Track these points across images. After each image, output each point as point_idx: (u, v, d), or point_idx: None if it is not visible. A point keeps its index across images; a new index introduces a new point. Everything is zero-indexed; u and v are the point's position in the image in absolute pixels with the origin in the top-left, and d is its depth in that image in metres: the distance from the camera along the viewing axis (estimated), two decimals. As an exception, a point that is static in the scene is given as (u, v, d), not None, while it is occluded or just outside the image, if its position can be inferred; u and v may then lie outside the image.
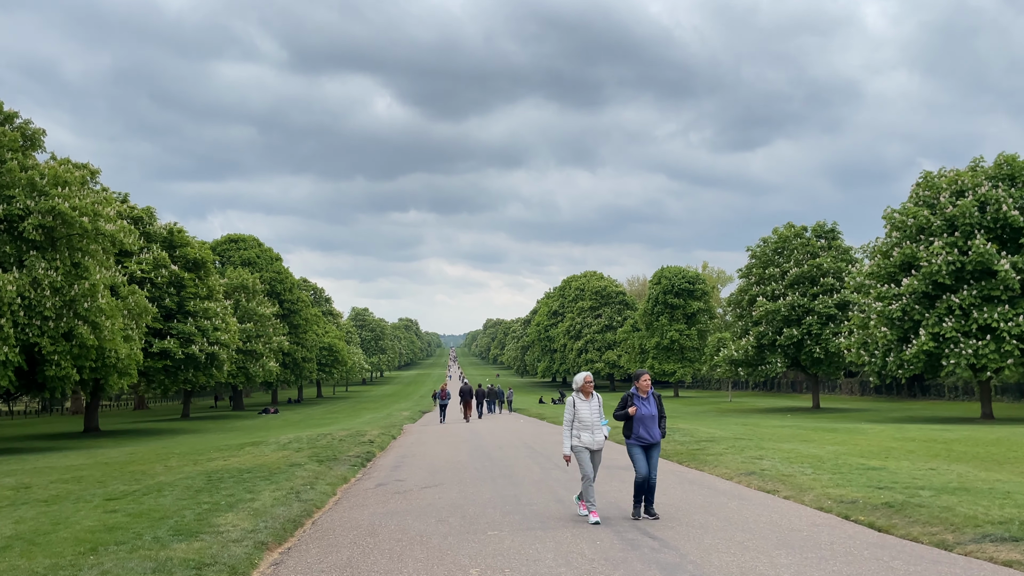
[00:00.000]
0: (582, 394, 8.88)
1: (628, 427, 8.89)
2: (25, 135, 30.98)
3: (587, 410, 8.81)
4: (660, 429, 9.02)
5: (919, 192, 34.89)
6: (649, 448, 8.92)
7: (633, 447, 8.89)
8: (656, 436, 8.96)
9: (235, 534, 8.02)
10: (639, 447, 8.89)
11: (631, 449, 8.90)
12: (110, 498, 11.28)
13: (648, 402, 9.00)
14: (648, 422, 8.89)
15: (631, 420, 8.84)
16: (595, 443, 8.77)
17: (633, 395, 8.97)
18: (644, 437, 8.88)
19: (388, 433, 24.33)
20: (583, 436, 8.78)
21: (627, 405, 8.91)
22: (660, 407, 9.06)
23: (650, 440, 8.92)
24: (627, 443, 8.99)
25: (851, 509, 9.00)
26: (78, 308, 28.69)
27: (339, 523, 8.92)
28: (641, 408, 8.86)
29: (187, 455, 19.35)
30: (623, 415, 8.88)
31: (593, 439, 8.83)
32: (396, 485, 12.06)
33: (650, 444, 8.91)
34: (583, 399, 8.85)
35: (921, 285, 32.00)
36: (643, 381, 8.95)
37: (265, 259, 74.58)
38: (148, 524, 8.73)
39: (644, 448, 8.89)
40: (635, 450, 8.88)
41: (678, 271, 79.08)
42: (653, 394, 9.06)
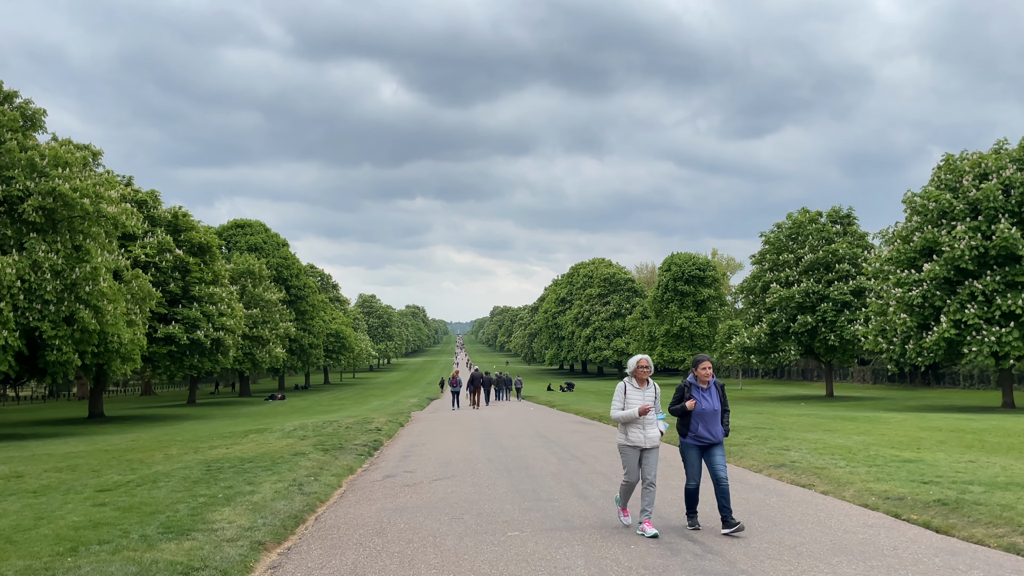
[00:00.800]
0: (635, 380, 7.53)
1: (684, 424, 7.56)
2: (25, 115, 30.31)
3: (639, 400, 7.45)
4: (723, 426, 7.63)
5: (941, 175, 33.93)
6: (709, 448, 7.52)
7: (689, 448, 7.53)
8: (718, 435, 7.55)
9: (230, 532, 7.33)
10: (696, 448, 7.52)
11: (686, 450, 7.55)
12: (102, 489, 10.63)
13: (709, 393, 7.57)
14: (709, 418, 7.49)
15: (688, 415, 7.50)
16: (647, 440, 7.41)
17: (691, 385, 7.59)
18: (704, 436, 7.46)
19: (396, 421, 23.69)
20: (632, 433, 7.41)
21: (684, 397, 7.54)
22: (724, 399, 7.68)
23: (711, 439, 7.49)
24: (682, 442, 7.62)
25: (900, 507, 8.26)
26: (79, 292, 28.08)
27: (344, 520, 8.22)
28: (701, 401, 7.45)
29: (189, 442, 18.76)
30: (679, 409, 7.53)
31: (645, 436, 7.45)
32: (405, 477, 11.37)
33: (711, 444, 7.51)
34: (636, 387, 7.49)
35: (943, 271, 31.12)
36: (703, 368, 7.52)
37: (272, 245, 73.96)
38: (137, 520, 8.06)
39: (703, 449, 7.52)
40: (691, 451, 7.53)
41: (688, 258, 78.15)
42: (715, 384, 7.65)
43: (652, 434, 7.52)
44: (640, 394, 7.45)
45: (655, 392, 7.55)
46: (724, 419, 7.69)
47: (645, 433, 7.49)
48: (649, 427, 7.52)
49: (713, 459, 7.45)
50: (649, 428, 7.51)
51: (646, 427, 7.49)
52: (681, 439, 7.61)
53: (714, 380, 7.65)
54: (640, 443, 7.46)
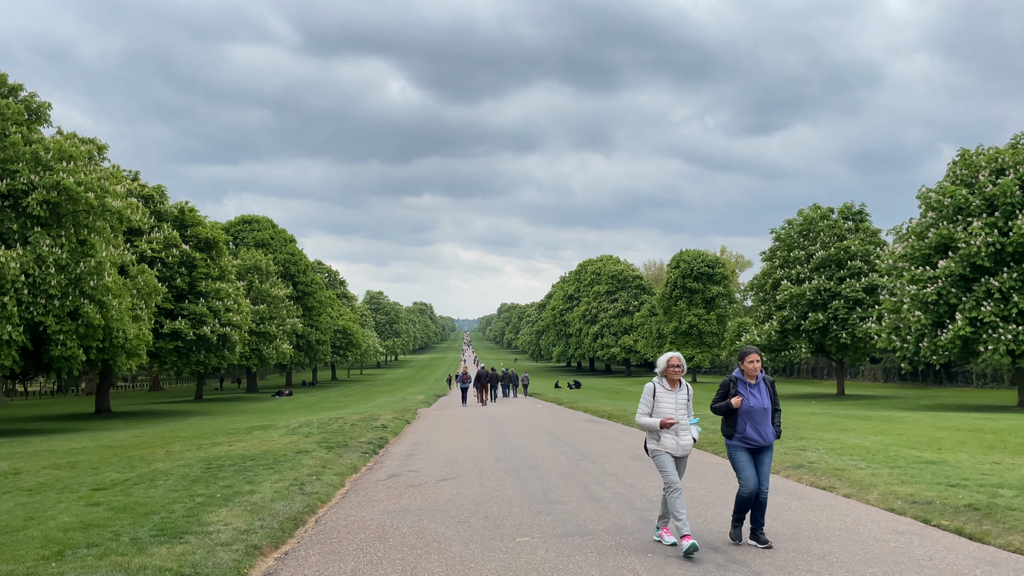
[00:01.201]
0: (666, 381, 6.77)
1: (730, 424, 6.74)
2: (30, 108, 30.08)
3: (671, 403, 6.68)
4: (774, 427, 6.81)
5: (956, 171, 33.36)
6: (759, 452, 6.73)
7: (737, 450, 6.69)
8: (769, 437, 6.71)
9: (226, 535, 6.99)
10: (745, 450, 6.68)
11: (734, 453, 6.71)
12: (98, 487, 10.32)
13: (758, 390, 6.74)
14: (759, 417, 6.66)
15: (735, 414, 6.69)
16: (679, 448, 6.68)
17: (737, 380, 6.77)
18: (753, 438, 6.65)
19: (402, 418, 23.36)
20: (664, 439, 6.66)
21: (729, 394, 6.75)
22: (774, 397, 6.85)
23: (760, 442, 6.67)
24: (728, 445, 6.80)
25: (929, 512, 7.86)
26: (84, 286, 27.86)
27: (345, 522, 7.86)
28: (749, 399, 6.65)
29: (192, 439, 18.48)
30: (724, 407, 6.71)
31: (677, 443, 6.67)
32: (410, 477, 11.01)
33: (760, 447, 6.70)
34: (667, 388, 6.74)
35: (958, 267, 30.59)
36: (751, 361, 6.69)
37: (279, 240, 73.76)
38: (130, 521, 7.73)
39: (752, 452, 6.71)
40: (740, 454, 6.68)
41: (697, 255, 77.57)
42: (764, 379, 6.82)
43: (685, 441, 6.77)
44: (671, 396, 6.72)
45: (688, 394, 6.86)
46: (775, 419, 6.89)
47: (678, 439, 6.74)
48: (683, 433, 6.78)
49: (761, 466, 6.74)
50: (682, 434, 6.77)
51: (679, 432, 6.76)
52: (727, 441, 6.82)
53: (763, 375, 6.84)
54: (672, 450, 6.71)
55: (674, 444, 6.69)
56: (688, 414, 6.85)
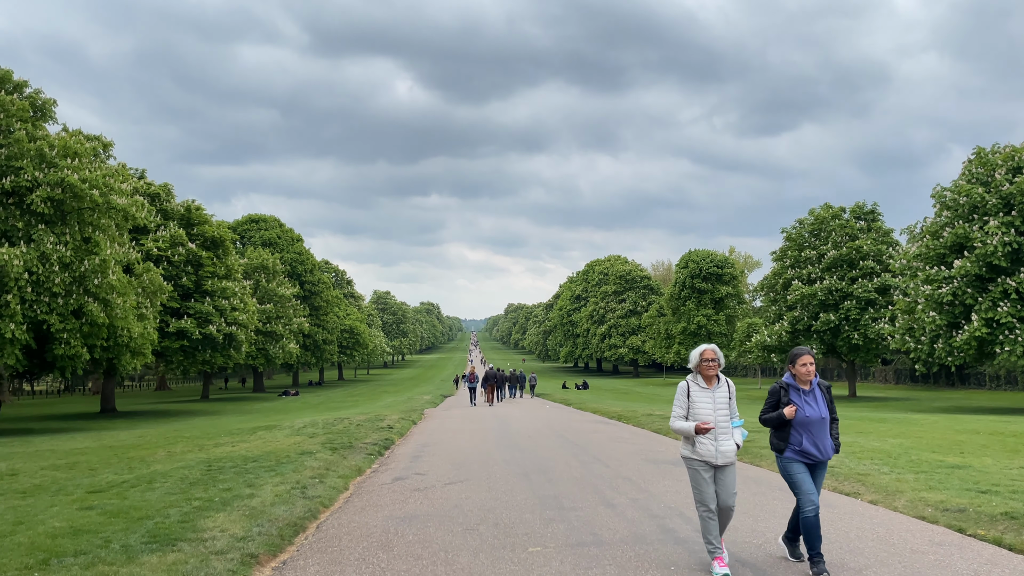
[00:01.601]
0: (701, 378, 5.90)
1: (782, 436, 5.87)
2: (35, 105, 29.81)
3: (708, 403, 5.83)
4: (832, 438, 5.91)
5: (972, 169, 32.84)
6: (814, 469, 5.87)
7: (791, 464, 5.80)
8: (827, 451, 5.83)
9: (221, 542, 6.62)
10: (801, 465, 5.79)
11: (789, 465, 5.80)
12: (94, 490, 9.98)
13: (813, 397, 5.85)
14: (816, 429, 5.77)
15: (787, 426, 5.83)
16: (720, 455, 5.77)
17: (788, 386, 5.90)
18: (810, 453, 5.77)
19: (408, 418, 23.00)
20: (701, 444, 5.78)
21: (780, 402, 5.88)
22: (831, 404, 5.96)
23: (819, 456, 5.79)
24: (780, 460, 5.92)
25: (963, 520, 7.43)
26: (88, 284, 27.59)
27: (347, 529, 7.48)
28: (804, 408, 5.78)
29: (195, 439, 18.17)
30: (775, 418, 5.86)
31: (716, 449, 5.78)
32: (416, 480, 10.63)
33: (817, 463, 5.84)
34: (702, 386, 5.87)
35: (974, 267, 30.07)
36: (803, 365, 5.82)
37: (286, 240, 73.58)
38: (123, 526, 7.37)
39: (808, 467, 5.85)
40: (796, 465, 5.78)
41: (706, 255, 77.02)
42: (820, 385, 5.95)
43: (726, 447, 5.83)
44: (708, 395, 5.84)
45: (729, 391, 5.95)
46: (833, 429, 5.93)
47: (717, 445, 5.80)
48: (723, 437, 5.83)
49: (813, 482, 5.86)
50: (722, 439, 5.83)
51: (719, 437, 5.83)
52: (779, 455, 5.93)
53: (817, 380, 5.97)
54: (710, 457, 5.78)
55: (712, 451, 5.79)
56: (732, 414, 5.96)
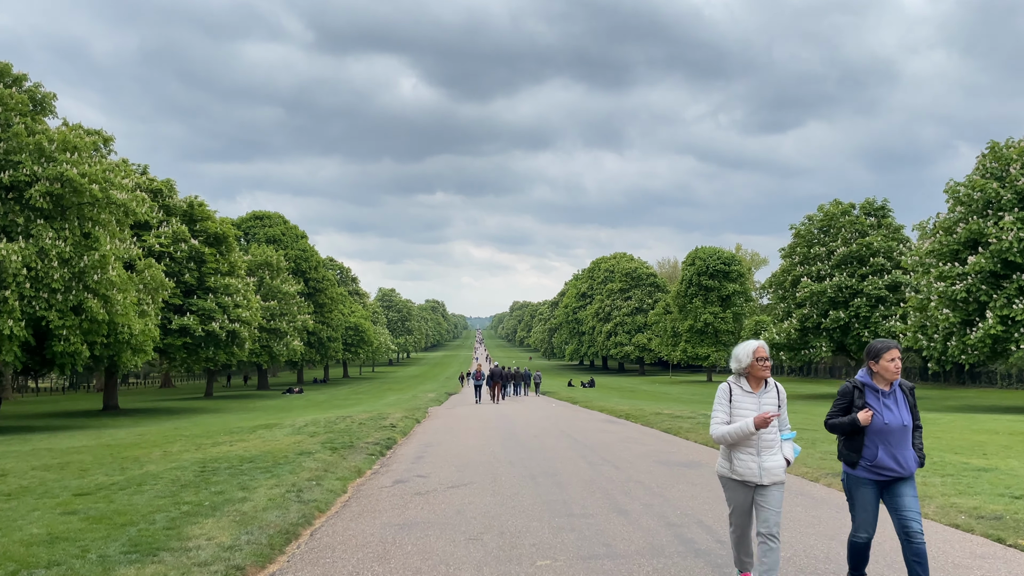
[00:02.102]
0: (747, 380, 4.99)
1: (853, 446, 4.90)
2: (34, 99, 29.42)
3: (753, 410, 4.90)
4: (915, 449, 4.92)
5: (986, 163, 32.23)
6: (894, 486, 4.86)
7: (861, 484, 4.88)
8: (909, 464, 4.85)
9: (206, 553, 6.16)
10: (871, 484, 4.87)
11: (856, 487, 4.90)
12: (81, 493, 9.54)
13: (893, 399, 4.89)
14: (896, 438, 4.82)
15: (861, 434, 4.86)
16: (763, 473, 4.83)
17: (864, 386, 4.93)
18: (888, 467, 4.81)
19: (412, 417, 22.55)
20: (740, 460, 4.86)
21: (853, 405, 4.91)
22: (914, 409, 4.98)
23: (899, 471, 4.81)
24: (848, 475, 4.97)
25: (1002, 529, 6.93)
26: (87, 280, 27.21)
27: (343, 538, 7.00)
28: (883, 412, 4.82)
29: (194, 438, 17.76)
30: (848, 425, 4.88)
31: (760, 466, 4.83)
32: (417, 483, 10.15)
33: (896, 478, 4.85)
34: (747, 389, 4.95)
35: (988, 263, 29.49)
36: (890, 359, 4.83)
37: (290, 237, 73.21)
38: (104, 533, 6.92)
39: (883, 485, 4.89)
40: (864, 490, 4.87)
41: (713, 252, 76.39)
42: (901, 385, 4.96)
43: (772, 463, 4.85)
44: (754, 401, 4.90)
45: (779, 397, 5.00)
46: (916, 439, 4.95)
47: (760, 461, 4.82)
48: (767, 452, 4.85)
49: (901, 501, 4.81)
50: (767, 453, 4.85)
51: (762, 452, 4.85)
52: (847, 470, 4.97)
53: (900, 381, 4.95)
54: (752, 476, 4.82)
55: (755, 468, 4.80)
56: (781, 425, 5.01)
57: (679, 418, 20.16)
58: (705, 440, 15.27)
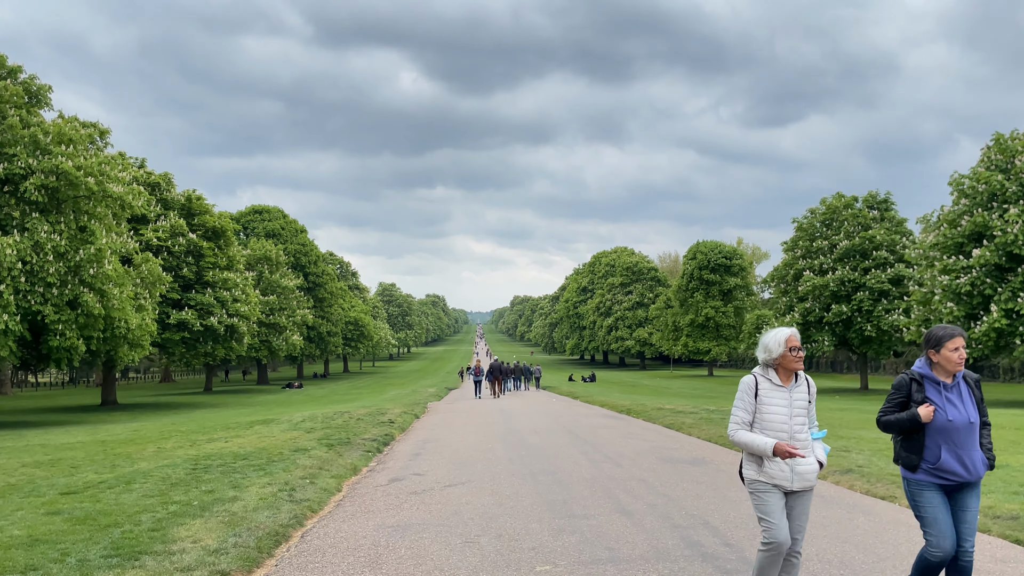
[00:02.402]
0: (777, 372, 4.44)
1: (913, 447, 4.31)
2: (29, 91, 29.10)
3: (783, 407, 4.37)
4: (983, 449, 4.34)
5: (991, 155, 31.91)
6: (958, 491, 4.32)
7: (925, 489, 4.27)
8: (977, 467, 4.27)
9: (191, 556, 5.90)
10: (937, 489, 4.27)
11: (920, 493, 4.28)
12: (68, 491, 9.27)
13: (957, 393, 4.32)
14: (962, 437, 4.25)
15: (921, 432, 4.27)
16: (795, 478, 4.33)
17: (923, 378, 4.34)
18: (953, 471, 4.24)
19: (411, 412, 22.30)
20: (771, 464, 4.31)
21: (911, 400, 4.32)
22: (981, 404, 4.40)
23: (965, 476, 4.24)
24: (909, 480, 4.35)
25: (1019, 530, 6.66)
26: (83, 274, 26.94)
27: (334, 540, 6.73)
28: (946, 408, 4.23)
29: (190, 434, 17.52)
30: (906, 422, 4.28)
31: (792, 470, 4.32)
32: (413, 481, 9.88)
33: (963, 483, 4.28)
34: (777, 384, 4.41)
35: (993, 256, 29.20)
36: (952, 350, 4.26)
37: (290, 231, 72.91)
38: (86, 535, 6.66)
39: (948, 491, 4.31)
40: (929, 494, 4.26)
41: (715, 245, 76.07)
42: (966, 378, 4.41)
43: (805, 466, 4.34)
44: (784, 396, 4.37)
45: (810, 392, 4.49)
46: (984, 438, 4.36)
47: (794, 465, 4.31)
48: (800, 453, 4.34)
49: (963, 514, 4.28)
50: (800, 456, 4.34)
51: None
52: (907, 474, 4.35)
53: (963, 373, 4.40)
54: (784, 481, 4.30)
55: (787, 473, 4.30)
56: (810, 424, 4.47)
57: (681, 413, 19.90)
58: (708, 436, 15.00)
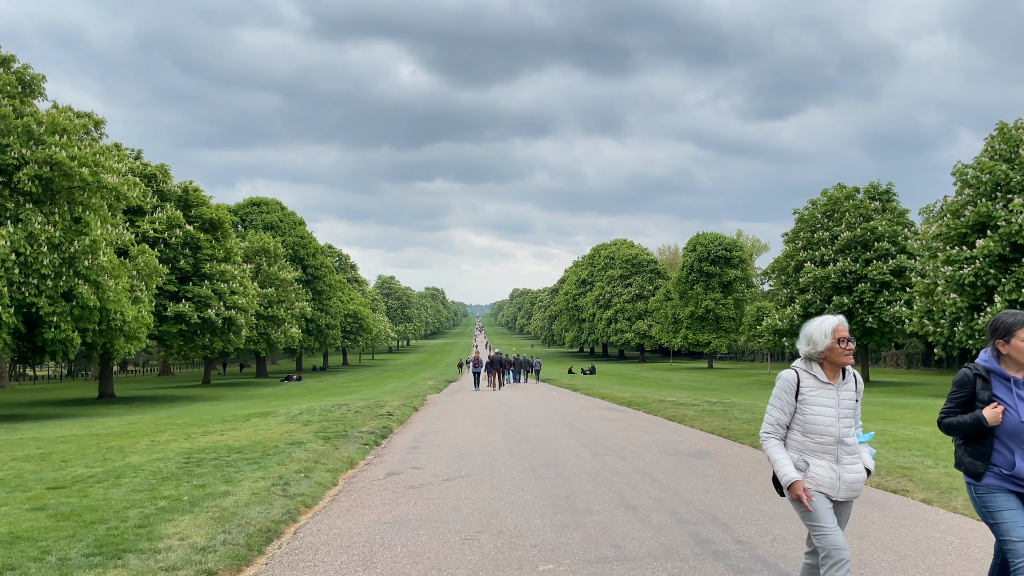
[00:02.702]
0: (822, 367, 3.92)
1: (979, 451, 3.80)
2: (23, 80, 28.74)
3: (830, 407, 3.87)
4: None
5: (995, 145, 31.61)
6: None
7: (995, 494, 3.73)
8: None
9: (177, 554, 5.63)
10: (1011, 496, 3.72)
11: (990, 499, 3.75)
12: (56, 486, 9.01)
13: None
14: None
15: (987, 435, 3.77)
16: (842, 486, 3.84)
17: (990, 373, 3.82)
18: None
19: (410, 404, 22.04)
20: (817, 468, 3.83)
21: (976, 400, 3.83)
22: None
23: None
24: (975, 486, 3.81)
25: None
26: (78, 266, 26.65)
27: (327, 537, 6.46)
28: (1019, 408, 3.73)
29: (185, 427, 17.27)
30: (967, 424, 3.80)
31: (839, 476, 3.84)
32: (411, 475, 9.62)
33: None
34: (822, 380, 3.89)
35: (997, 247, 28.92)
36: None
37: (288, 223, 72.53)
38: (69, 533, 6.39)
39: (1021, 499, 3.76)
40: (999, 499, 3.72)
41: (715, 237, 75.76)
42: None
43: (853, 474, 3.86)
44: (831, 395, 3.86)
45: (857, 389, 3.97)
46: None
47: (840, 470, 3.84)
48: (848, 460, 3.86)
49: None
50: (847, 462, 3.86)
51: (842, 459, 3.85)
52: (971, 481, 3.82)
53: None
54: (829, 489, 3.80)
55: (833, 478, 3.80)
56: (856, 425, 3.93)
57: (683, 405, 19.64)
58: (712, 428, 14.74)
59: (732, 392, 32.80)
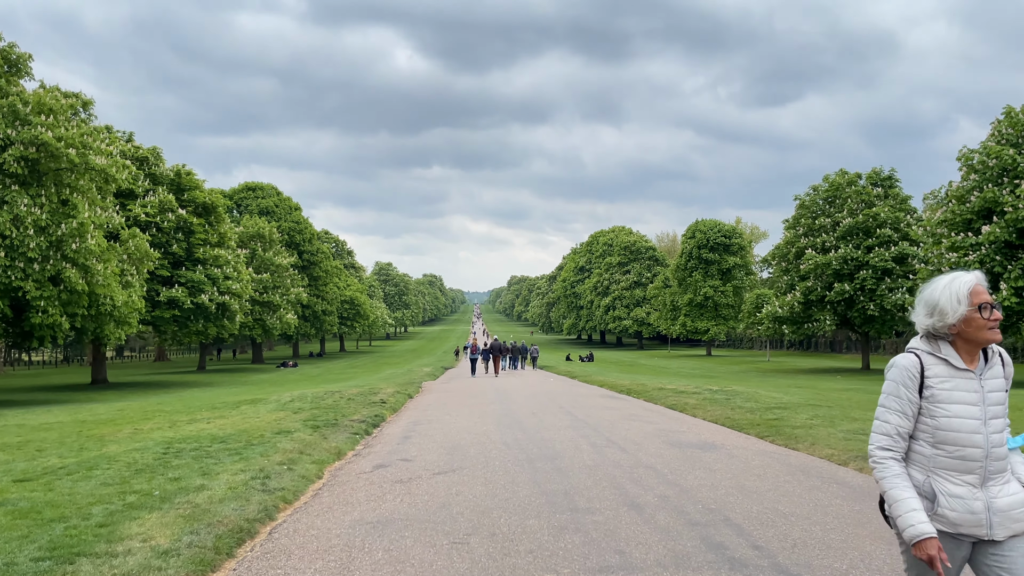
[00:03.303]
0: (954, 348, 2.77)
1: None
2: (8, 60, 28.01)
3: (972, 404, 2.72)
4: None
5: (1001, 129, 30.97)
6: None
7: None
8: None
9: (135, 560, 5.10)
10: None
11: None
12: (23, 478, 8.48)
13: None
14: None
15: None
16: (1002, 519, 2.68)
17: None
18: None
19: (404, 392, 21.53)
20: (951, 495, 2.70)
21: None
22: None
23: None
24: None
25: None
26: (65, 249, 26.03)
27: (303, 539, 5.93)
28: None
29: (172, 414, 16.76)
30: None
31: (986, 503, 2.68)
32: (400, 468, 9.09)
33: None
34: (957, 367, 2.74)
35: (1004, 233, 28.37)
36: None
37: (284, 208, 71.82)
38: (23, 532, 5.86)
39: None
40: None
41: (714, 224, 75.15)
42: None
43: (1010, 497, 2.71)
44: (972, 385, 2.74)
45: (1006, 374, 2.84)
46: None
47: (988, 496, 2.70)
48: (998, 479, 2.73)
49: None
50: (998, 481, 2.73)
51: (991, 479, 2.71)
52: None
53: None
54: (973, 525, 2.68)
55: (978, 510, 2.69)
56: (1007, 431, 2.79)
57: (683, 393, 19.12)
58: (715, 418, 14.22)
59: (732, 380, 32.34)
